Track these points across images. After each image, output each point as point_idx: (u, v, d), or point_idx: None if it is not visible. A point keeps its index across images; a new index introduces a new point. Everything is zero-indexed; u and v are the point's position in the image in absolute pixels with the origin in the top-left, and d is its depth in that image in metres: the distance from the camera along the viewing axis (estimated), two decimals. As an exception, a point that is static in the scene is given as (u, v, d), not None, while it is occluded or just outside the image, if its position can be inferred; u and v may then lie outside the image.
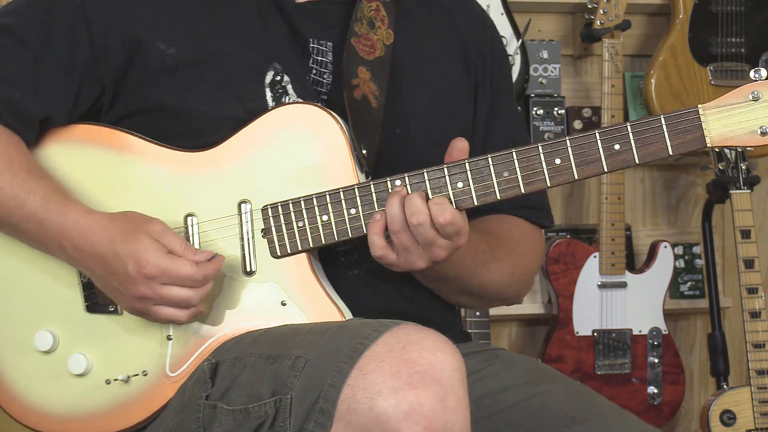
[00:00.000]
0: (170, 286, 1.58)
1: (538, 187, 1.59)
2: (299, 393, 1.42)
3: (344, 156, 1.64)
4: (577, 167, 1.58)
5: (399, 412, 1.35)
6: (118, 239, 1.60)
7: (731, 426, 3.08)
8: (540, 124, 3.36)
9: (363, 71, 1.73)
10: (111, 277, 1.61)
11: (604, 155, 1.57)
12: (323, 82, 1.75)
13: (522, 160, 1.59)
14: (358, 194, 1.62)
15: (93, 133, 1.72)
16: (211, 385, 1.54)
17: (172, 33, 1.70)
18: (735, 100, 1.55)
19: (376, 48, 1.75)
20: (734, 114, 1.55)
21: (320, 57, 1.75)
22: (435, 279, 1.74)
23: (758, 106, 1.55)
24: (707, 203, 3.31)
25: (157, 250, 1.58)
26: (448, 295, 1.80)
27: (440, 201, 1.57)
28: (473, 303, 1.86)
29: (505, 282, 1.80)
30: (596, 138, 1.57)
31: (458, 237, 1.58)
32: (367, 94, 1.72)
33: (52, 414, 1.70)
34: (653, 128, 1.56)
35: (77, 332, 1.69)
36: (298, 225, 1.64)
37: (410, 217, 1.56)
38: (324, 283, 1.65)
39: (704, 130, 1.55)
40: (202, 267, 1.59)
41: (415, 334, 1.41)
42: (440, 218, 1.56)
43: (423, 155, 1.66)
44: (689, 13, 3.29)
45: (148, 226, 1.61)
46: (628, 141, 1.57)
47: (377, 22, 1.77)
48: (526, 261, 1.84)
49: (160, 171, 1.68)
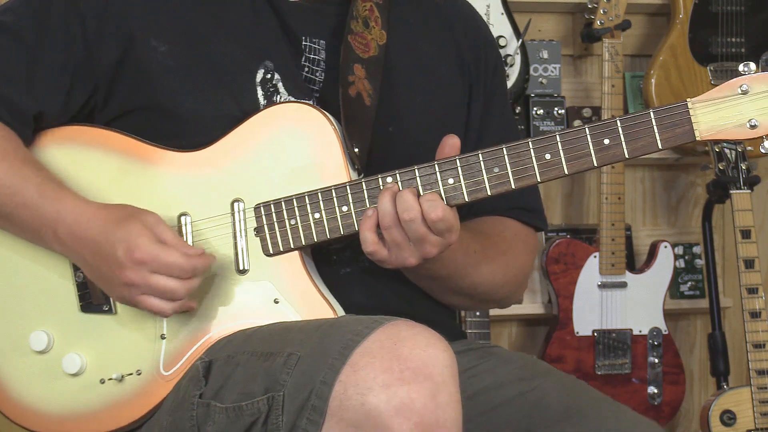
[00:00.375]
0: (158, 275, 1.58)
1: (528, 183, 1.59)
2: (292, 390, 1.42)
3: (336, 154, 1.65)
4: (567, 162, 1.58)
5: (390, 408, 1.34)
6: (111, 224, 1.60)
7: (731, 426, 3.08)
8: (540, 124, 3.36)
9: (359, 68, 1.73)
10: (101, 263, 1.61)
11: (593, 150, 1.57)
12: (315, 80, 1.76)
13: (512, 156, 1.59)
14: (349, 192, 1.62)
15: (86, 133, 1.73)
16: (204, 383, 1.54)
17: (165, 30, 1.71)
18: (724, 94, 1.56)
19: (370, 47, 1.76)
20: (723, 107, 1.55)
21: (313, 55, 1.76)
22: (426, 278, 1.74)
23: (747, 99, 1.55)
24: (707, 203, 3.31)
25: (149, 237, 1.58)
26: (440, 295, 1.81)
27: (432, 197, 1.57)
28: (465, 303, 1.85)
29: (496, 283, 1.80)
30: (586, 133, 1.58)
31: (449, 234, 1.59)
32: (362, 92, 1.72)
33: (47, 414, 1.71)
34: (642, 122, 1.57)
35: (72, 332, 1.70)
36: (291, 223, 1.64)
37: (402, 213, 1.56)
38: (317, 281, 1.65)
39: (693, 124, 1.55)
40: (192, 259, 1.59)
41: (407, 330, 1.41)
42: (432, 214, 1.56)
43: (416, 153, 1.66)
44: (689, 13, 3.29)
45: (142, 215, 1.61)
46: (617, 135, 1.57)
47: (371, 22, 1.78)
48: (518, 263, 1.84)
49: (154, 171, 1.69)
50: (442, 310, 1.85)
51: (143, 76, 1.70)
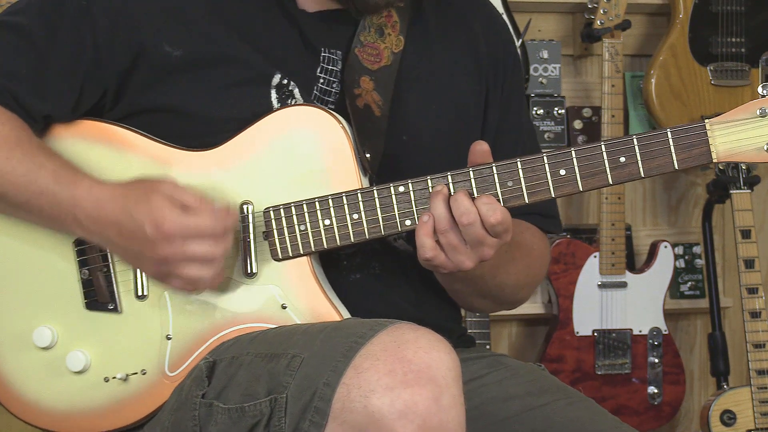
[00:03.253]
0: (191, 243, 1.55)
1: (542, 198, 1.58)
2: (295, 392, 1.42)
3: (347, 159, 1.63)
4: (582, 179, 1.57)
5: (394, 411, 1.34)
6: (131, 203, 1.58)
7: (731, 426, 3.08)
8: (540, 124, 3.36)
9: (366, 81, 1.72)
10: (130, 243, 1.59)
11: (609, 167, 1.56)
12: (331, 91, 1.74)
13: (527, 170, 1.58)
14: (360, 199, 1.61)
15: (96, 129, 1.72)
16: (207, 383, 1.54)
17: (180, 36, 1.70)
18: (742, 116, 1.54)
19: (382, 57, 1.74)
20: (741, 130, 1.54)
21: (330, 66, 1.74)
22: (460, 280, 1.72)
23: (765, 122, 1.54)
24: (707, 203, 3.31)
25: (173, 207, 1.56)
26: (466, 298, 1.79)
27: (489, 200, 1.56)
28: (486, 306, 1.84)
29: (519, 283, 1.80)
30: (602, 150, 1.56)
31: (506, 234, 1.58)
32: (370, 104, 1.71)
33: (51, 410, 1.71)
34: (659, 141, 1.55)
35: (76, 329, 1.69)
36: (300, 228, 1.63)
37: (460, 217, 1.55)
38: (325, 287, 1.64)
39: (710, 146, 1.54)
40: (221, 218, 1.57)
41: (410, 333, 1.41)
42: (491, 218, 1.55)
43: (430, 162, 1.65)
44: (689, 12, 3.29)
45: (158, 185, 1.59)
46: (633, 154, 1.56)
47: (387, 29, 1.76)
48: (537, 265, 1.84)
49: (163, 170, 1.68)
50: (454, 317, 1.86)
51: (154, 80, 1.69)
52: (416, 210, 1.60)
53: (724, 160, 1.55)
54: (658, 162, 1.55)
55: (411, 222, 1.61)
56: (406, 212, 1.61)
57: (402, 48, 1.76)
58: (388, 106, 1.72)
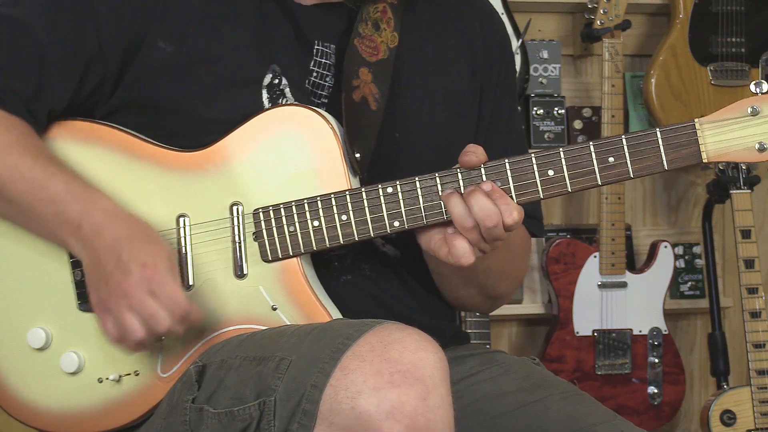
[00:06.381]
0: (157, 299, 1.56)
1: (530, 199, 1.57)
2: (283, 395, 1.41)
3: (336, 160, 1.63)
4: (571, 179, 1.56)
5: (381, 412, 1.34)
6: (142, 236, 1.59)
7: (731, 426, 3.08)
8: (540, 124, 3.36)
9: (365, 72, 1.71)
10: (109, 262, 1.58)
11: (598, 168, 1.55)
12: (324, 85, 1.74)
13: (515, 171, 1.57)
14: (349, 200, 1.61)
15: (86, 130, 1.72)
16: (197, 388, 1.53)
17: (173, 32, 1.69)
18: (733, 115, 1.52)
19: (379, 50, 1.74)
20: (732, 129, 1.52)
21: (323, 59, 1.74)
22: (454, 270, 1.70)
23: (757, 121, 1.51)
24: (707, 203, 3.31)
25: (168, 268, 1.57)
26: (454, 287, 1.78)
27: (506, 201, 1.55)
28: (469, 295, 1.81)
29: (503, 272, 1.78)
30: (590, 150, 1.55)
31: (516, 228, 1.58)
32: (367, 96, 1.70)
33: (46, 411, 1.71)
34: (648, 141, 1.54)
35: (70, 330, 1.69)
36: (290, 230, 1.62)
37: (484, 221, 1.54)
38: (316, 289, 1.64)
39: (700, 145, 1.52)
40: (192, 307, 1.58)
41: (397, 332, 1.40)
42: (508, 219, 1.55)
43: (421, 161, 1.65)
44: (689, 12, 3.29)
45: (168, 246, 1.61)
46: (622, 154, 1.54)
47: (382, 24, 1.75)
48: (518, 259, 1.83)
49: (154, 170, 1.68)
50: (447, 316, 1.85)
51: (146, 75, 1.68)
52: (404, 211, 1.60)
53: (715, 160, 1.52)
54: (648, 162, 1.53)
55: (399, 223, 1.60)
56: (395, 213, 1.61)
57: (397, 44, 1.76)
58: (385, 100, 1.71)
